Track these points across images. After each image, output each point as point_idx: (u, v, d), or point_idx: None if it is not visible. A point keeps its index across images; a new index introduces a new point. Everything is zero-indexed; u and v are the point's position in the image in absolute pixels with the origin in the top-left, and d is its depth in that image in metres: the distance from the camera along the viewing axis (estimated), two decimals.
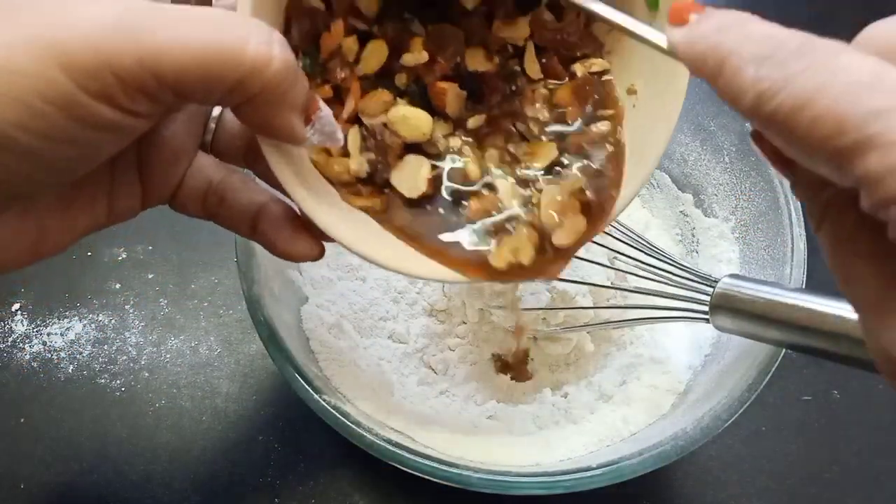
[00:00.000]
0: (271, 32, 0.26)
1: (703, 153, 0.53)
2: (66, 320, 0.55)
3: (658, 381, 0.46)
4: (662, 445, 0.38)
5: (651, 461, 0.37)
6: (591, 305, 0.48)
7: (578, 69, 0.36)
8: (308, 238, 0.33)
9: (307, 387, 0.38)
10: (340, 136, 0.31)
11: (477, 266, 0.33)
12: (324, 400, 0.38)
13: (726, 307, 0.40)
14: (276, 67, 0.26)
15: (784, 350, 0.40)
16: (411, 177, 0.33)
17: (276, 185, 0.32)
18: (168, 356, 0.53)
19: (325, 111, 0.30)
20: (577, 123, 0.35)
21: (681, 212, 0.56)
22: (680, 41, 0.24)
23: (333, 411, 0.38)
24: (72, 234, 0.30)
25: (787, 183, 0.46)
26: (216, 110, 0.34)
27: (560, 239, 0.32)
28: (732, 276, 0.41)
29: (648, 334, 0.50)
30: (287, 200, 0.33)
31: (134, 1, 0.25)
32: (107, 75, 0.24)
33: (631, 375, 0.48)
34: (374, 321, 0.50)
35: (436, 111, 0.34)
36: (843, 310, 0.35)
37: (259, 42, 0.25)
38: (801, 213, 0.45)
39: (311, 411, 0.38)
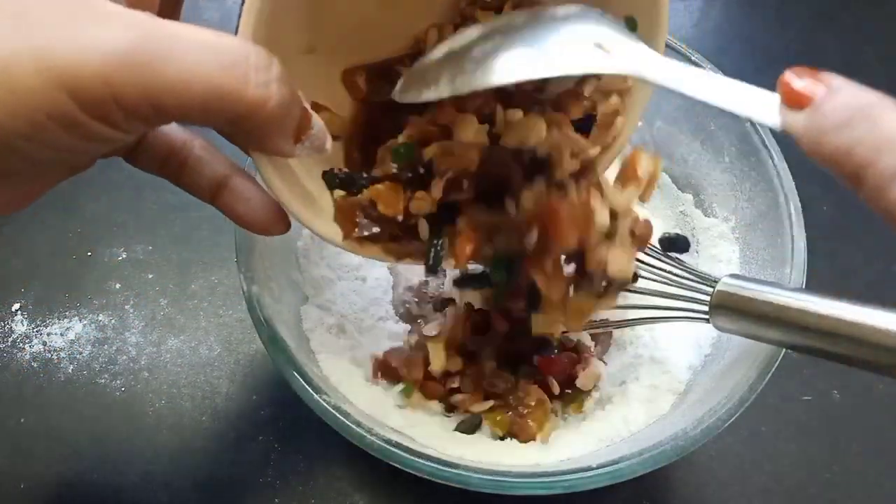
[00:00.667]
0: (270, 68, 0.27)
1: (703, 153, 0.53)
2: (66, 320, 0.55)
3: (658, 381, 0.46)
4: (662, 445, 0.38)
5: (651, 461, 0.37)
6: None
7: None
8: (276, 213, 0.34)
9: (307, 387, 0.38)
10: (329, 144, 0.32)
11: None
12: (324, 400, 0.38)
13: (726, 307, 0.40)
14: (272, 107, 0.27)
15: (784, 350, 0.40)
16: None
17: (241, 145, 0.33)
18: (168, 356, 0.53)
19: (318, 127, 0.31)
20: None
21: (681, 212, 0.56)
22: (803, 134, 0.21)
23: (333, 411, 0.38)
24: (40, 191, 0.31)
25: (787, 183, 0.46)
26: None
27: None
28: (732, 275, 0.41)
29: (648, 334, 0.50)
30: (253, 173, 0.35)
31: (143, 26, 0.25)
32: (111, 104, 0.24)
33: (631, 375, 0.48)
34: (374, 321, 0.50)
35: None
36: (843, 310, 0.35)
37: (258, 83, 0.26)
38: (800, 213, 0.45)
39: (311, 411, 0.38)
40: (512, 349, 0.46)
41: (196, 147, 0.34)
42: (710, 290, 0.41)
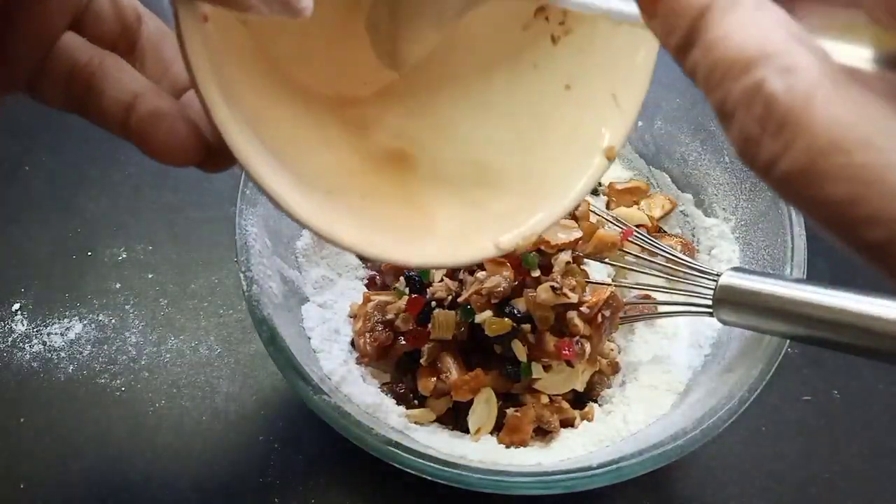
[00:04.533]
0: None
1: (703, 153, 0.53)
2: (66, 320, 0.55)
3: (658, 381, 0.46)
4: (662, 445, 0.38)
5: (651, 461, 0.37)
6: None
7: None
8: (189, 135, 0.28)
9: (307, 387, 0.38)
10: (307, 4, 0.25)
11: None
12: (324, 400, 0.38)
13: (729, 300, 0.40)
14: None
15: (784, 350, 0.40)
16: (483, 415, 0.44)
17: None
18: (168, 356, 0.53)
19: None
20: None
21: (681, 211, 0.56)
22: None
23: (334, 411, 0.38)
24: None
25: None
26: None
27: None
28: (735, 269, 0.41)
29: (648, 334, 0.50)
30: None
31: None
32: None
33: (631, 375, 0.48)
34: None
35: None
36: (847, 299, 0.35)
37: None
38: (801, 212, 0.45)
39: (311, 411, 0.38)
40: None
41: (106, 65, 0.28)
42: (712, 283, 0.41)
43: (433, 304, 0.45)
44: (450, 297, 0.45)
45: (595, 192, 0.57)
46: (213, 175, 0.63)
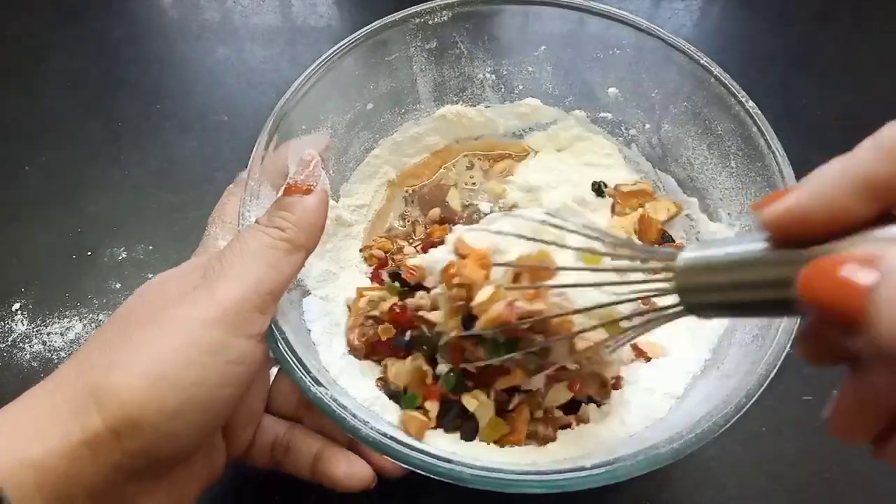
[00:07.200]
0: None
1: (709, 157, 0.53)
2: (66, 320, 0.55)
3: (656, 385, 0.46)
4: (658, 448, 0.37)
5: (646, 463, 0.37)
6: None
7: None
8: (361, 463, 0.42)
9: (305, 377, 0.38)
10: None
11: None
12: (321, 391, 0.38)
13: (693, 289, 0.30)
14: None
15: (784, 354, 0.40)
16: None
17: (324, 431, 0.43)
18: None
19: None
20: None
21: (686, 216, 0.55)
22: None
23: (330, 403, 0.38)
24: (188, 495, 0.39)
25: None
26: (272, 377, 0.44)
27: None
28: (690, 248, 0.31)
29: (648, 337, 0.50)
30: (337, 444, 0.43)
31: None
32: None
33: (629, 379, 0.48)
34: None
35: None
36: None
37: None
38: None
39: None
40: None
41: (297, 433, 0.43)
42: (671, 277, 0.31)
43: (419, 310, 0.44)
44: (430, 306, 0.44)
45: (601, 194, 0.56)
46: (213, 175, 0.63)
